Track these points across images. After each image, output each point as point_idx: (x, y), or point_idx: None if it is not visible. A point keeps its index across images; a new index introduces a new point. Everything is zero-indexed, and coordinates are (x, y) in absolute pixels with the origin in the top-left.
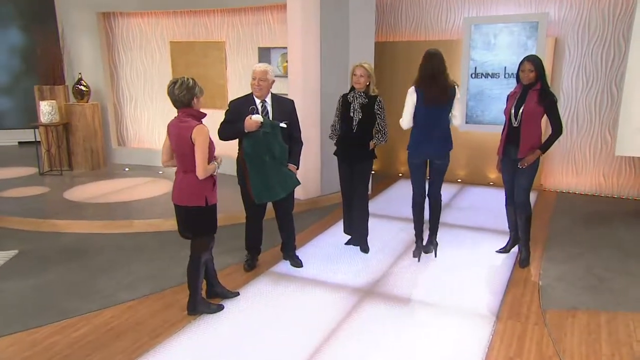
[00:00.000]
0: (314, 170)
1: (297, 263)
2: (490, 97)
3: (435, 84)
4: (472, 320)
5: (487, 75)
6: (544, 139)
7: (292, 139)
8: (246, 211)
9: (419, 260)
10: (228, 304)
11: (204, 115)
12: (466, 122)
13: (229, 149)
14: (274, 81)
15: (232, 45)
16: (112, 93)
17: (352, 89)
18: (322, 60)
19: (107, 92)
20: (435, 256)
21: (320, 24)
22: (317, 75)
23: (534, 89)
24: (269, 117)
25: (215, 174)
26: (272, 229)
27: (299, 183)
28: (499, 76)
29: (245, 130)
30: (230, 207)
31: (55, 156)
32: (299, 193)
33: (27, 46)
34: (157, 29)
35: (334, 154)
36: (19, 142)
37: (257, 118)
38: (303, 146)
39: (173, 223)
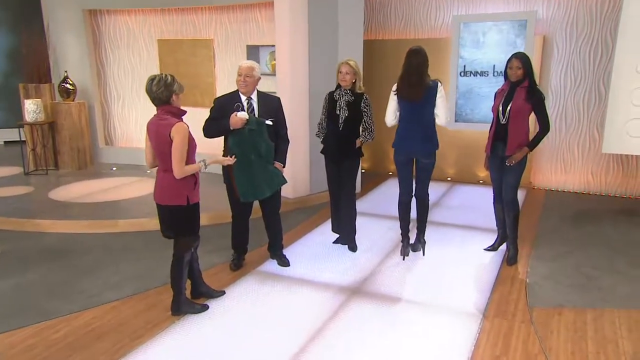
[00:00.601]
0: (302, 169)
1: (284, 262)
2: (479, 95)
3: (408, 81)
4: (459, 318)
5: (476, 74)
6: (531, 136)
7: (279, 137)
8: (232, 210)
9: (403, 259)
10: (213, 304)
11: (184, 112)
12: (455, 121)
13: (217, 148)
14: (259, 78)
15: (221, 43)
16: (99, 91)
17: (339, 86)
18: (310, 58)
19: (93, 90)
20: (424, 254)
21: (308, 22)
22: (305, 74)
23: (522, 86)
24: (254, 114)
25: (199, 172)
26: (259, 228)
27: (285, 182)
28: (487, 74)
29: (231, 128)
30: (216, 206)
31: (41, 155)
32: (287, 192)
33: (12, 44)
34: (144, 26)
35: (321, 152)
36: (5, 142)
37: (243, 115)
38: (291, 144)
39: (158, 222)
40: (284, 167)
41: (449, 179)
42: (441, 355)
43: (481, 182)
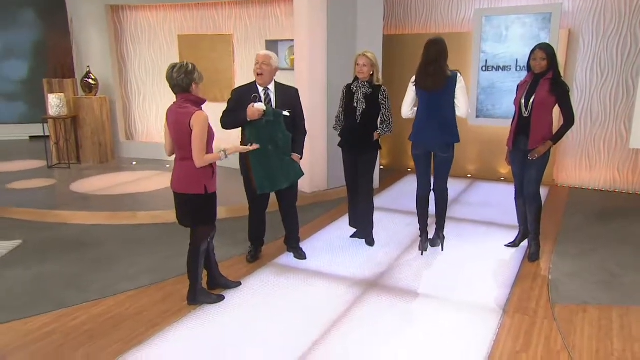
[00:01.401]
0: (320, 163)
1: (300, 255)
2: (502, 90)
3: (426, 70)
4: (478, 313)
5: (498, 68)
6: (555, 129)
7: (296, 128)
8: (249, 202)
9: (422, 254)
10: (229, 295)
11: (204, 101)
12: (476, 116)
13: (237, 140)
14: (277, 68)
15: (240, 38)
16: (120, 87)
17: (356, 79)
18: (328, 53)
19: (115, 85)
20: (442, 250)
21: (327, 17)
22: (323, 69)
23: (546, 78)
24: (272, 105)
25: (225, 157)
26: (276, 221)
27: (302, 174)
28: (510, 69)
29: (248, 119)
30: (234, 200)
31: (64, 149)
32: (304, 186)
33: (37, 40)
34: (165, 22)
35: (339, 145)
36: (30, 137)
37: (260, 106)
38: (309, 139)
39: (175, 213)
40: (301, 158)
41: (469, 175)
42: (459, 349)
43: (503, 179)
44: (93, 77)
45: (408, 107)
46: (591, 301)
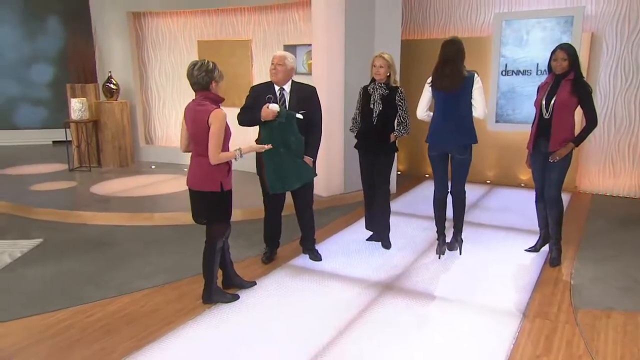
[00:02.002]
0: (337, 167)
1: (316, 257)
2: (522, 95)
3: (442, 71)
4: (496, 317)
5: (518, 73)
6: (577, 131)
7: (310, 129)
8: (264, 202)
9: (439, 258)
10: (244, 295)
11: (222, 99)
12: (496, 121)
13: (252, 140)
14: (293, 68)
15: (258, 43)
16: (140, 92)
17: (373, 80)
18: (346, 57)
19: (136, 90)
20: (460, 254)
21: (345, 21)
22: (341, 72)
23: (567, 79)
24: (285, 107)
25: (233, 160)
26: (291, 223)
27: (315, 175)
28: (530, 73)
29: (262, 119)
30: (251, 202)
31: (85, 153)
32: (320, 190)
33: (62, 48)
34: (185, 28)
35: (355, 147)
36: (53, 142)
37: (274, 107)
38: (325, 143)
39: (191, 215)
40: (314, 161)
41: (488, 181)
42: (477, 352)
43: (523, 185)
44: (114, 82)
45: (423, 108)
46: (615, 307)
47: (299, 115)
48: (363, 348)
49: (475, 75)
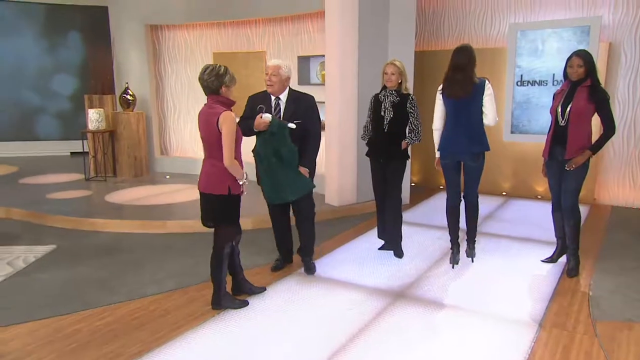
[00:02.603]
0: (349, 177)
1: (309, 269)
2: (538, 105)
3: (453, 77)
4: (511, 326)
5: (534, 83)
6: (594, 139)
7: (306, 138)
8: (269, 211)
9: (453, 267)
10: (253, 301)
11: (233, 103)
12: (511, 132)
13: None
14: (288, 77)
15: (273, 54)
16: (156, 103)
17: (384, 87)
18: (359, 68)
19: (152, 102)
20: (473, 261)
21: (358, 32)
22: (354, 83)
23: (584, 86)
24: (279, 117)
25: (244, 181)
26: None
27: (312, 187)
28: (546, 83)
29: (255, 130)
30: (263, 211)
31: (101, 163)
32: (332, 200)
33: (82, 61)
34: (201, 40)
35: (366, 154)
36: (71, 153)
37: (267, 117)
38: (338, 154)
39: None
40: (310, 171)
41: (503, 193)
42: None
43: (539, 197)
44: (131, 93)
45: (439, 119)
46: (637, 319)
47: (292, 125)
48: (371, 356)
49: (486, 82)
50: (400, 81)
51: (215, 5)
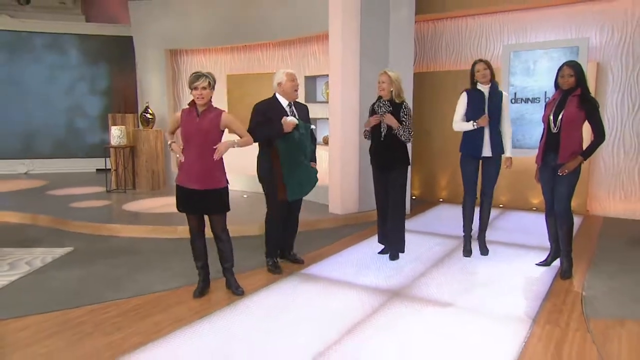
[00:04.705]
0: (352, 187)
1: (301, 260)
2: (532, 121)
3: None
4: (506, 323)
5: (527, 100)
6: (584, 145)
7: (312, 139)
8: (273, 210)
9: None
10: (255, 298)
11: (193, 102)
12: None
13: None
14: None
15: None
16: None
17: (379, 97)
18: (361, 87)
19: (170, 120)
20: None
21: (360, 54)
22: (356, 101)
23: (574, 95)
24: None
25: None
26: (306, 236)
27: (317, 180)
28: (539, 101)
29: (285, 131)
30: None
31: (122, 176)
32: (336, 208)
33: (108, 85)
34: (216, 64)
35: (370, 163)
36: (97, 169)
37: (293, 120)
38: (341, 165)
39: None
40: (316, 164)
41: (501, 205)
42: (485, 356)
43: (535, 208)
44: (151, 112)
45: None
46: (629, 317)
47: (313, 126)
48: (369, 352)
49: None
50: (392, 89)
51: (229, 30)
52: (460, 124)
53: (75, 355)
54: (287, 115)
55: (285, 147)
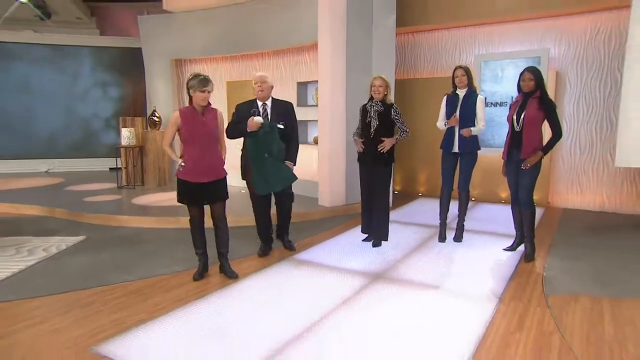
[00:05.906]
0: (339, 182)
1: (291, 246)
2: (500, 123)
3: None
4: (475, 301)
5: (496, 104)
6: (544, 142)
7: (290, 138)
8: (252, 201)
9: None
10: (249, 280)
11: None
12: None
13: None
14: (272, 86)
15: (276, 81)
16: None
17: (371, 98)
18: (347, 92)
19: None
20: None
21: (346, 63)
22: (342, 104)
23: (534, 97)
24: (268, 119)
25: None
26: (297, 224)
27: (295, 178)
28: (506, 104)
29: (248, 130)
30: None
31: (132, 174)
32: (325, 201)
33: (120, 92)
34: (216, 71)
35: (357, 160)
36: (110, 168)
37: (258, 119)
38: (329, 162)
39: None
40: (294, 165)
41: (473, 198)
42: (457, 329)
43: (503, 201)
44: (157, 115)
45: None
46: (582, 292)
47: (281, 126)
48: (352, 327)
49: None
50: (386, 93)
51: (228, 41)
52: (440, 124)
53: (83, 330)
54: (256, 115)
55: (249, 144)
